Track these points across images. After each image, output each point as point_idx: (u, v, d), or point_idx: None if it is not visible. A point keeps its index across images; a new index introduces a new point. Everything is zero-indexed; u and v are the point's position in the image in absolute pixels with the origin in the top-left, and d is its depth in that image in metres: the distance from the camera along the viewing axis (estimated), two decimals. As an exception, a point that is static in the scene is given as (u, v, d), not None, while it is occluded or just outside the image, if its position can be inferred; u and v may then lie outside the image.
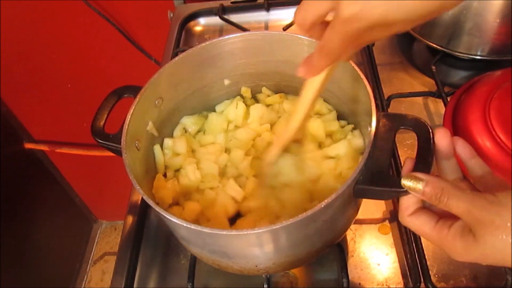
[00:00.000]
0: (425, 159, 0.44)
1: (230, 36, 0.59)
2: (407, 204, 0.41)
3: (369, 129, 0.49)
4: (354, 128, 0.60)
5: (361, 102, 0.53)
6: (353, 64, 0.53)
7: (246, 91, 0.66)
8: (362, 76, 0.51)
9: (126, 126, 0.51)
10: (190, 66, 0.59)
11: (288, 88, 0.66)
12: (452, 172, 0.43)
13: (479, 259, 0.35)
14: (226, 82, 0.65)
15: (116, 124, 0.55)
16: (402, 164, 0.64)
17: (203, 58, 0.60)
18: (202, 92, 0.64)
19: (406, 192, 0.42)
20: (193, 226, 0.42)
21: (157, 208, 0.44)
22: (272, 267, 0.51)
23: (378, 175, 0.45)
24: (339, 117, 0.63)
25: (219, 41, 0.59)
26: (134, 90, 0.57)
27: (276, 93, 0.67)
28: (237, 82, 0.65)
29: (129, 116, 0.52)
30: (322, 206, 0.41)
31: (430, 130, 0.46)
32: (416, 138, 0.46)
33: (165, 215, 0.43)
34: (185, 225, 0.43)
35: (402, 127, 0.49)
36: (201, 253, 0.52)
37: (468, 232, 0.35)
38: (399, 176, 0.41)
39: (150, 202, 0.44)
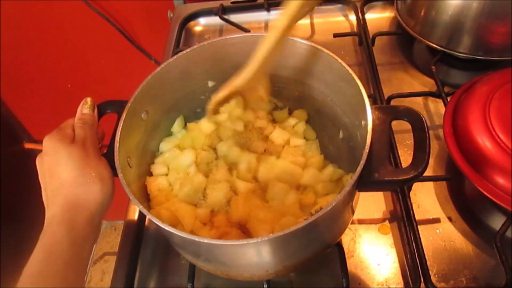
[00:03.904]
0: (423, 147, 0.46)
1: (211, 41, 0.59)
2: None
3: (363, 123, 0.49)
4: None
5: (355, 102, 0.53)
6: (342, 62, 0.53)
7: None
8: (351, 71, 0.51)
9: (117, 145, 0.50)
10: (171, 75, 0.58)
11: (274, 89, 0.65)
12: None
13: None
14: (210, 83, 0.64)
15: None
16: (401, 163, 0.65)
17: (184, 66, 0.59)
18: (186, 100, 0.63)
19: (408, 181, 0.44)
20: (205, 240, 0.42)
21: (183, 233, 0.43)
22: (282, 270, 0.51)
23: (379, 168, 0.46)
24: (336, 125, 0.62)
25: (200, 47, 0.58)
26: (116, 105, 0.56)
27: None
28: (220, 86, 0.64)
29: (118, 134, 0.50)
30: (333, 204, 0.41)
31: (423, 119, 0.48)
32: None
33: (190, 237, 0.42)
34: (197, 239, 0.42)
35: (396, 118, 0.50)
36: (208, 266, 0.52)
37: None
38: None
39: (158, 221, 0.43)
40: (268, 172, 0.57)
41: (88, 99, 0.57)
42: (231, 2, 0.98)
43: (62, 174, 0.49)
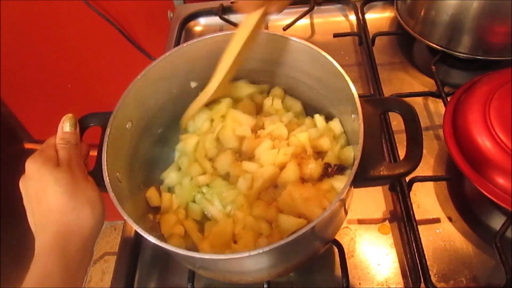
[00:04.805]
0: (416, 140, 0.46)
1: (191, 42, 0.58)
2: None
3: (353, 116, 0.49)
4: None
5: (343, 96, 0.52)
6: (328, 56, 0.53)
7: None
8: (337, 64, 0.51)
9: (105, 162, 0.48)
10: (153, 81, 0.57)
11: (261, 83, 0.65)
12: None
13: None
14: (193, 84, 0.63)
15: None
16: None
17: (165, 70, 0.58)
18: (170, 103, 0.62)
19: (404, 175, 0.45)
20: (207, 256, 0.42)
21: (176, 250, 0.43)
22: (283, 271, 0.51)
23: (374, 163, 0.46)
24: (327, 118, 0.61)
25: (179, 49, 0.58)
26: (99, 118, 0.54)
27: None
28: (204, 85, 0.62)
29: (105, 151, 0.49)
30: (331, 208, 0.41)
31: (414, 109, 0.48)
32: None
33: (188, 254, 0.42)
34: (198, 256, 0.42)
35: (386, 110, 0.50)
36: (210, 274, 0.53)
37: None
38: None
39: (151, 238, 0.44)
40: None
41: (70, 115, 0.53)
42: (231, 2, 0.98)
43: (50, 200, 0.47)
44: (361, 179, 0.45)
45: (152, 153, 0.62)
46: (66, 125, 0.53)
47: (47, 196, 0.47)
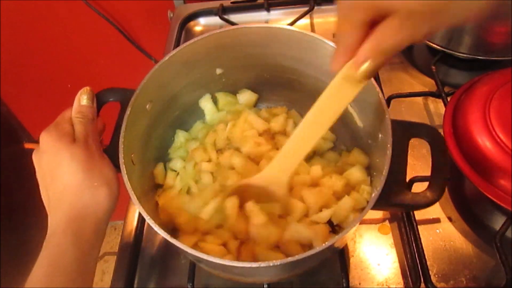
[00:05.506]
0: (442, 171, 0.45)
1: (223, 30, 0.57)
2: None
3: (380, 136, 0.48)
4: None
5: (372, 109, 0.52)
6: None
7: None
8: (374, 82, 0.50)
9: (122, 143, 0.47)
10: (179, 63, 0.57)
11: (277, 79, 0.65)
12: None
13: None
14: (219, 71, 0.63)
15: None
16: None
17: (192, 54, 0.57)
18: (190, 87, 0.62)
19: (424, 207, 0.43)
20: (212, 259, 0.41)
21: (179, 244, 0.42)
22: (292, 275, 0.52)
23: (396, 192, 0.44)
24: (349, 126, 0.61)
25: (210, 36, 0.57)
26: (119, 93, 0.53)
27: (262, 85, 0.66)
28: (229, 73, 0.63)
29: (123, 130, 0.47)
30: (351, 228, 0.42)
31: (445, 141, 0.46)
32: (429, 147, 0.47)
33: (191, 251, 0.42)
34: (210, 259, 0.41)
35: (414, 136, 0.48)
36: (221, 274, 0.53)
37: None
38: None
39: (158, 228, 0.43)
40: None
41: (87, 88, 0.51)
42: (231, 2, 0.98)
43: (65, 177, 0.46)
44: (381, 204, 0.44)
45: (167, 134, 0.63)
46: (83, 98, 0.51)
47: (62, 172, 0.46)
